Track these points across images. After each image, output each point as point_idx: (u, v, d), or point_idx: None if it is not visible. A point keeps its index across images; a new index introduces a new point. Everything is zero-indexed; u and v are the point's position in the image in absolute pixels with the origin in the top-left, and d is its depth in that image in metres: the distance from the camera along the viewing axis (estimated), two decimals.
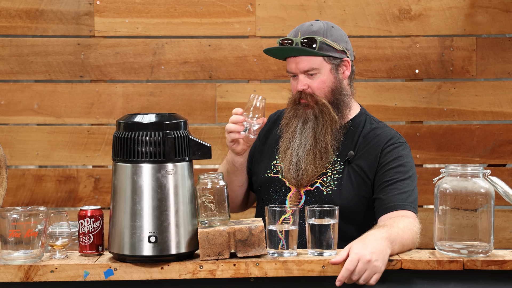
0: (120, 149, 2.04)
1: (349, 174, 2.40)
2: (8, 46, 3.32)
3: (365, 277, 1.98)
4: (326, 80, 2.42)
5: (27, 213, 2.03)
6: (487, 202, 2.07)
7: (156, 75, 3.34)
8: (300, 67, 2.42)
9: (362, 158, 2.41)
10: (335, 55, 2.42)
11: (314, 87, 2.42)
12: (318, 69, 2.41)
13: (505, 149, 3.36)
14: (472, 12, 3.34)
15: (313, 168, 2.40)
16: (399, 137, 2.45)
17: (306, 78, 2.42)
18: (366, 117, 2.51)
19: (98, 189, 3.35)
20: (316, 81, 2.42)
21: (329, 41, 2.41)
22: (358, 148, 2.43)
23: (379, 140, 2.43)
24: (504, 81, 3.36)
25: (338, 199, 2.37)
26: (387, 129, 2.48)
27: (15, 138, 3.33)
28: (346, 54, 2.45)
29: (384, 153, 2.40)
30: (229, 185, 2.51)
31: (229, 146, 2.43)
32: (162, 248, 2.02)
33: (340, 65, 2.44)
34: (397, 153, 2.40)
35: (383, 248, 2.02)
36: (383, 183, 2.36)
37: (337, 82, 2.44)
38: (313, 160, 2.40)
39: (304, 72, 2.42)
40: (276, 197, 2.47)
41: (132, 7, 3.32)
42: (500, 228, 3.36)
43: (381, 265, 2.00)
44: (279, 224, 2.09)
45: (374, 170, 2.39)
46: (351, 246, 2.02)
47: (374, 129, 2.47)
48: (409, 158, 2.42)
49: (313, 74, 2.42)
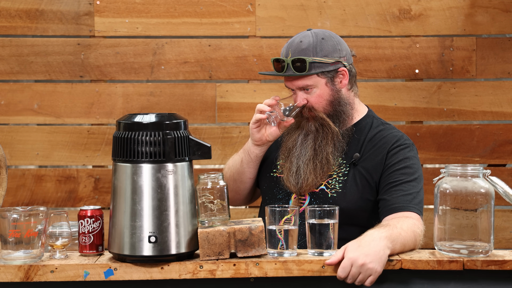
0: (120, 149, 2.04)
1: (354, 177, 2.40)
2: (8, 46, 3.32)
3: (360, 279, 2.01)
4: (323, 94, 2.43)
5: (27, 213, 2.03)
6: (487, 202, 2.07)
7: (156, 75, 3.34)
8: (295, 85, 2.45)
9: (368, 160, 2.41)
10: (328, 69, 2.42)
11: (312, 101, 2.44)
12: (313, 85, 2.43)
13: (505, 149, 3.36)
14: (472, 12, 3.34)
15: (313, 178, 2.41)
16: (406, 139, 2.45)
17: (303, 93, 2.44)
18: (373, 119, 2.50)
19: (98, 189, 3.35)
20: (314, 96, 2.44)
21: (319, 58, 2.40)
22: (364, 150, 2.43)
23: (385, 142, 2.43)
24: (504, 81, 3.36)
25: (342, 202, 2.37)
26: (393, 131, 2.48)
27: (15, 138, 3.33)
28: (342, 62, 2.44)
29: (390, 155, 2.40)
30: (241, 175, 2.54)
31: (251, 128, 2.46)
32: (162, 248, 2.02)
33: (336, 75, 2.44)
34: (403, 155, 2.40)
35: (380, 249, 2.02)
36: (388, 184, 2.36)
37: (334, 94, 2.45)
38: (314, 169, 2.41)
39: (300, 89, 2.44)
40: (280, 197, 2.47)
41: (132, 7, 3.32)
42: (500, 228, 3.36)
43: (377, 266, 2.00)
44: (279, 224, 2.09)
45: (380, 171, 2.39)
46: (346, 247, 2.03)
47: (380, 131, 2.46)
48: (415, 160, 2.42)
49: (309, 89, 2.43)
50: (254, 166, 2.54)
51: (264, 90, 3.34)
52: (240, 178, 2.55)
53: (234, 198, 2.60)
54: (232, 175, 2.56)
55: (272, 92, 3.34)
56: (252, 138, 2.48)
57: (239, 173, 2.55)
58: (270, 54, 3.33)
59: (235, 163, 2.56)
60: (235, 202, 2.65)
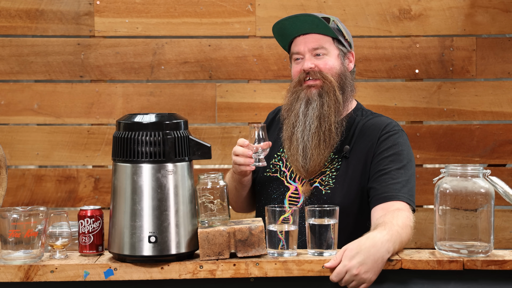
0: (120, 149, 2.04)
1: (346, 170, 2.38)
2: (8, 46, 3.32)
3: (352, 286, 2.01)
4: (334, 64, 2.40)
5: (27, 213, 2.03)
6: (487, 202, 2.07)
7: (156, 75, 3.34)
8: (309, 44, 2.39)
9: (358, 149, 2.39)
10: (344, 43, 2.42)
11: (322, 67, 2.39)
12: (327, 49, 2.39)
13: (505, 149, 3.36)
14: (472, 12, 3.34)
15: (318, 153, 2.36)
16: (395, 125, 2.42)
17: (313, 58, 2.40)
18: (362, 111, 2.49)
19: (98, 189, 3.35)
20: (323, 62, 2.39)
21: (341, 27, 2.41)
22: (354, 141, 2.41)
23: (375, 129, 2.40)
24: (504, 81, 3.36)
25: (337, 197, 2.35)
26: (382, 117, 2.45)
27: (15, 138, 3.33)
28: (352, 48, 2.46)
29: (380, 141, 2.37)
30: (238, 197, 2.55)
31: (237, 174, 2.40)
32: (162, 248, 2.02)
33: (347, 54, 2.44)
34: (393, 141, 2.37)
35: (379, 256, 2.01)
36: (377, 172, 2.33)
37: (343, 69, 2.42)
38: (318, 144, 2.37)
39: (312, 50, 2.39)
40: (275, 196, 2.46)
41: (132, 7, 3.32)
42: (500, 228, 3.36)
43: (371, 276, 2.00)
44: (279, 224, 2.09)
45: (370, 159, 2.36)
46: (344, 251, 2.02)
47: (369, 119, 2.44)
48: (404, 146, 2.37)
49: (320, 54, 2.39)
50: (249, 186, 2.53)
51: (264, 90, 3.34)
52: (236, 200, 2.57)
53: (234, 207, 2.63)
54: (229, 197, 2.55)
55: (272, 92, 3.34)
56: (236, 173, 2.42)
57: (235, 196, 2.55)
58: (270, 54, 3.33)
59: (230, 188, 2.52)
60: (237, 210, 2.65)
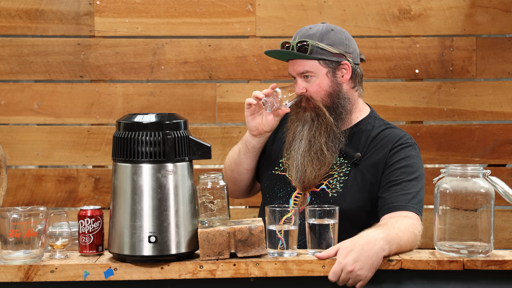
0: (120, 149, 2.04)
1: (355, 177, 2.39)
2: (8, 46, 3.32)
3: (350, 284, 2.02)
4: (322, 84, 2.43)
5: (27, 213, 2.03)
6: (487, 202, 2.07)
7: (156, 75, 3.34)
8: (295, 69, 2.44)
9: (370, 159, 2.41)
10: (331, 59, 2.42)
11: (311, 91, 2.43)
12: (314, 72, 2.42)
13: (505, 149, 3.36)
14: (472, 12, 3.34)
15: (311, 170, 2.40)
16: (408, 138, 2.44)
17: (303, 81, 2.44)
18: (375, 120, 2.50)
19: (98, 189, 3.35)
20: (313, 85, 2.43)
21: (323, 45, 2.41)
22: (366, 150, 2.42)
23: (387, 141, 2.42)
24: (504, 81, 3.36)
25: (343, 202, 2.36)
26: (396, 130, 2.47)
27: (15, 138, 3.33)
28: (346, 57, 2.44)
29: (392, 153, 2.39)
30: (238, 165, 2.55)
31: (246, 116, 2.46)
32: (162, 248, 2.02)
33: (338, 68, 2.44)
34: (405, 154, 2.39)
35: (373, 253, 2.02)
36: (388, 183, 2.35)
37: (334, 86, 2.44)
38: (311, 162, 2.40)
39: (300, 74, 2.44)
40: (281, 195, 2.47)
41: (132, 7, 3.32)
42: (500, 228, 3.36)
43: (366, 272, 2.00)
44: (279, 224, 2.09)
45: (381, 170, 2.38)
46: (339, 248, 2.03)
47: (383, 130, 2.46)
48: (417, 159, 2.41)
49: (309, 76, 2.43)
50: (252, 157, 2.54)
51: None
52: (237, 169, 2.56)
53: (232, 189, 2.61)
54: (230, 165, 2.57)
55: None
56: (248, 127, 2.47)
57: (236, 164, 2.55)
58: None
59: (234, 153, 2.57)
60: (233, 194, 2.64)
